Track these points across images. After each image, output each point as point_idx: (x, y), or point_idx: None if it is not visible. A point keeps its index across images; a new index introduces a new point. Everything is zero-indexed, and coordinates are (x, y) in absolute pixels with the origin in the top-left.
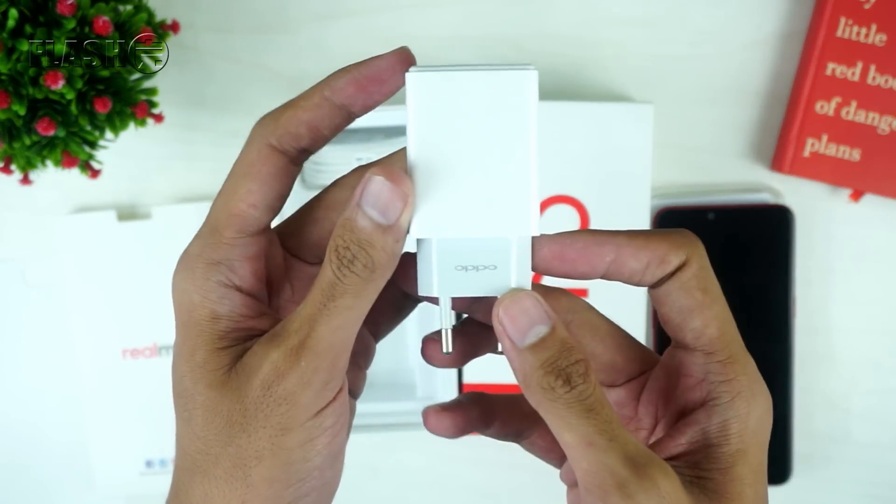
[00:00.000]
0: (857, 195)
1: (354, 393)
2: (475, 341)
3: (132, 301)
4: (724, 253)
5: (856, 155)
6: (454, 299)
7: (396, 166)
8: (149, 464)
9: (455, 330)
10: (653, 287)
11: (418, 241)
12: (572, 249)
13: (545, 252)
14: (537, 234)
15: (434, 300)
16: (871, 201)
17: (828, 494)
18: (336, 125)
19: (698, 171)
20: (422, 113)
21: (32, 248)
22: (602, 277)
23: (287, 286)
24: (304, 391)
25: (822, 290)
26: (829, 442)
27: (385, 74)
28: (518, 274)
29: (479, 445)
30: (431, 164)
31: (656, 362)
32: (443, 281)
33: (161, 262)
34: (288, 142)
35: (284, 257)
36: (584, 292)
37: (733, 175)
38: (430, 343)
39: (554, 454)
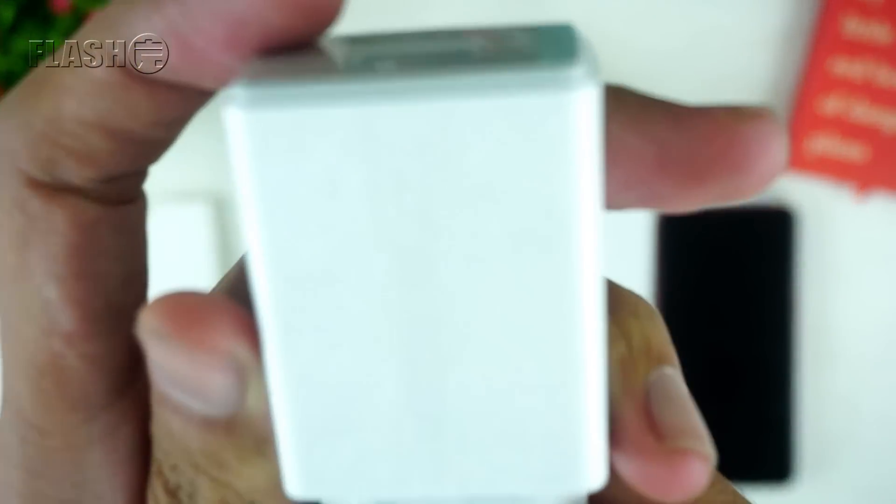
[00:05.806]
0: (862, 194)
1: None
2: None
3: None
4: (726, 253)
5: (861, 153)
6: None
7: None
8: None
9: None
10: None
11: None
12: None
13: None
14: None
15: None
16: (877, 200)
17: (836, 496)
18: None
19: None
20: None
21: None
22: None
23: None
24: None
25: (827, 289)
26: (837, 443)
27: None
28: None
29: None
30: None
31: None
32: None
33: (159, 261)
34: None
35: None
36: None
37: None
38: None
39: None
